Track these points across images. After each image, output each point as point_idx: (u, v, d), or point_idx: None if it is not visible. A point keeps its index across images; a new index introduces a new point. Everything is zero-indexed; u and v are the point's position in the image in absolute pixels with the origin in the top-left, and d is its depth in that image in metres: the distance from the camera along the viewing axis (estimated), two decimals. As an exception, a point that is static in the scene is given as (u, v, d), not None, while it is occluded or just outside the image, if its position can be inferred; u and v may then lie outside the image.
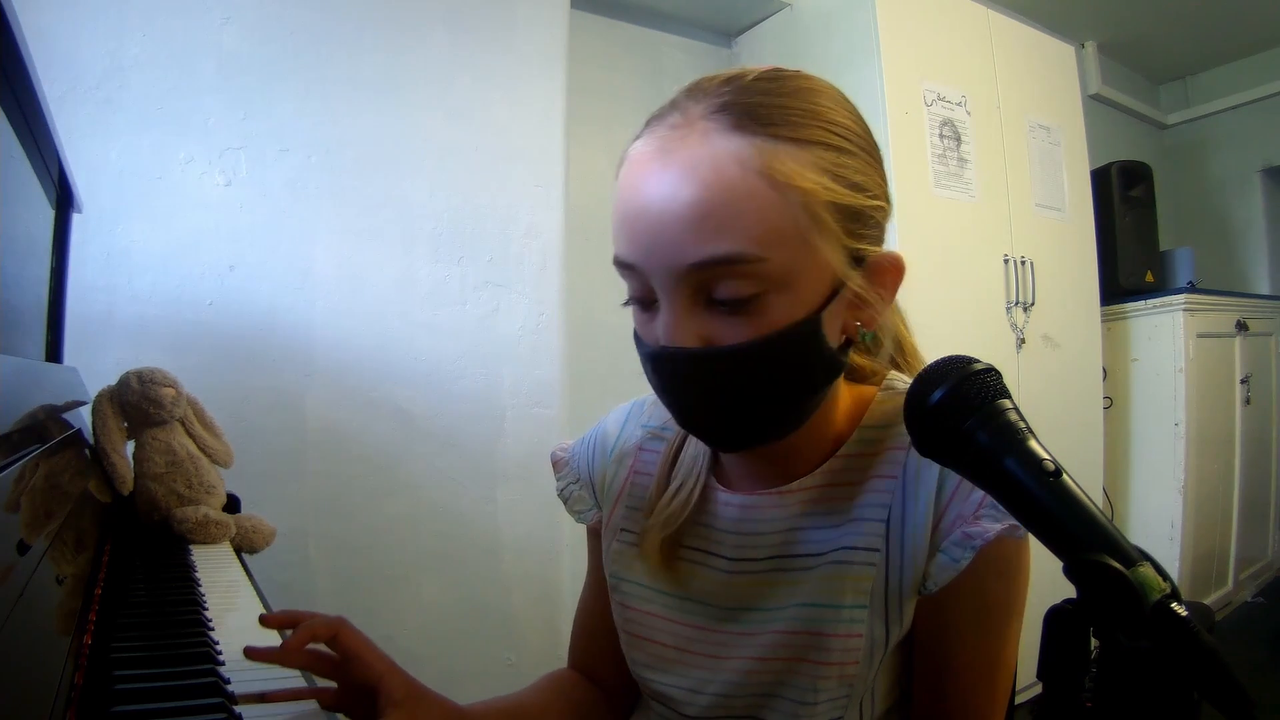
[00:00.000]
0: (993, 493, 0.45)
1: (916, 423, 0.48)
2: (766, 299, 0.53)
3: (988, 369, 0.47)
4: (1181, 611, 0.37)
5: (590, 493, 0.78)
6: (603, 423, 0.79)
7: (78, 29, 1.43)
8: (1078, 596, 0.40)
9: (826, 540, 0.62)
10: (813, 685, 0.60)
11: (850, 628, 0.60)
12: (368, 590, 1.67)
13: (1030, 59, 2.54)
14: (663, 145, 0.54)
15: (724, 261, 0.52)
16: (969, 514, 0.58)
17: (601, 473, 0.77)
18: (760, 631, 0.64)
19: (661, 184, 0.53)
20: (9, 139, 0.77)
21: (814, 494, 0.64)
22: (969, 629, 0.61)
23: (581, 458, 0.79)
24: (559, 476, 0.81)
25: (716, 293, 0.53)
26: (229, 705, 0.56)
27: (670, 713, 0.69)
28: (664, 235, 0.53)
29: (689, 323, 0.54)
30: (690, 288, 0.53)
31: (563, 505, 0.81)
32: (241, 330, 1.56)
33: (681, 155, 0.53)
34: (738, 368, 0.54)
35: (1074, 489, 0.43)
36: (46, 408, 0.82)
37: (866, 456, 0.63)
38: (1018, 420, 0.45)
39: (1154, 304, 2.82)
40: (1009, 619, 0.62)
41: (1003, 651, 0.62)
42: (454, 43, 1.82)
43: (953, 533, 0.58)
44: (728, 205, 0.51)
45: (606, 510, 0.76)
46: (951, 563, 0.58)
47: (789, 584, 0.63)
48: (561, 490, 0.81)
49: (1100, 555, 0.39)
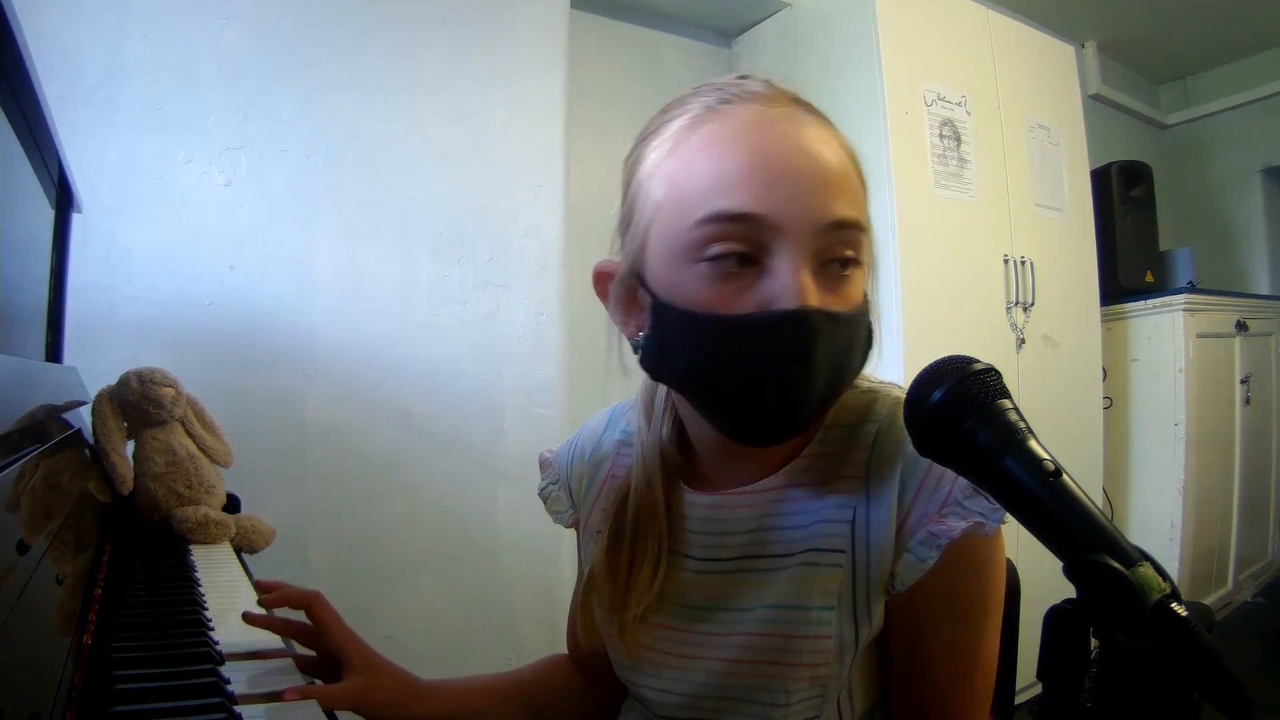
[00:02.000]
0: (993, 493, 0.45)
1: (916, 423, 0.48)
2: (856, 273, 0.57)
3: (988, 369, 0.47)
4: (1181, 611, 0.37)
5: (568, 494, 0.80)
6: (585, 427, 0.81)
7: (78, 29, 1.43)
8: (1078, 596, 0.40)
9: (793, 540, 0.62)
10: (783, 687, 0.60)
11: (819, 629, 0.60)
12: (368, 590, 1.67)
13: (1030, 59, 2.54)
14: (784, 114, 0.56)
15: (853, 225, 0.55)
16: (933, 512, 0.58)
17: (579, 475, 0.78)
18: (730, 632, 0.64)
19: (806, 144, 0.55)
20: (9, 139, 0.77)
21: (779, 494, 0.64)
22: (943, 627, 0.61)
23: (564, 460, 0.81)
24: (543, 477, 0.83)
25: (834, 255, 0.55)
26: (229, 705, 0.56)
27: (647, 712, 0.70)
28: (813, 190, 0.54)
29: (811, 284, 0.54)
30: (818, 248, 0.54)
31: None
32: (241, 330, 1.56)
33: (810, 125, 0.57)
34: (851, 335, 0.57)
35: (1074, 489, 0.43)
36: (46, 408, 0.82)
37: (831, 456, 0.63)
38: (1018, 420, 0.45)
39: (1154, 304, 2.82)
40: (984, 615, 0.61)
41: (980, 648, 0.61)
42: (454, 43, 1.82)
43: (918, 532, 0.58)
44: (853, 177, 0.57)
45: (584, 512, 0.77)
46: (918, 562, 0.58)
47: (757, 584, 0.63)
48: (543, 490, 0.83)
49: (1100, 555, 0.39)
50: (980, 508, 0.57)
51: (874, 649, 0.63)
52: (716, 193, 0.54)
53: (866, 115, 2.08)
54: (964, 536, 0.57)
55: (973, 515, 0.57)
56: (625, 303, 0.62)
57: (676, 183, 0.57)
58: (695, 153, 0.56)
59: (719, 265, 0.54)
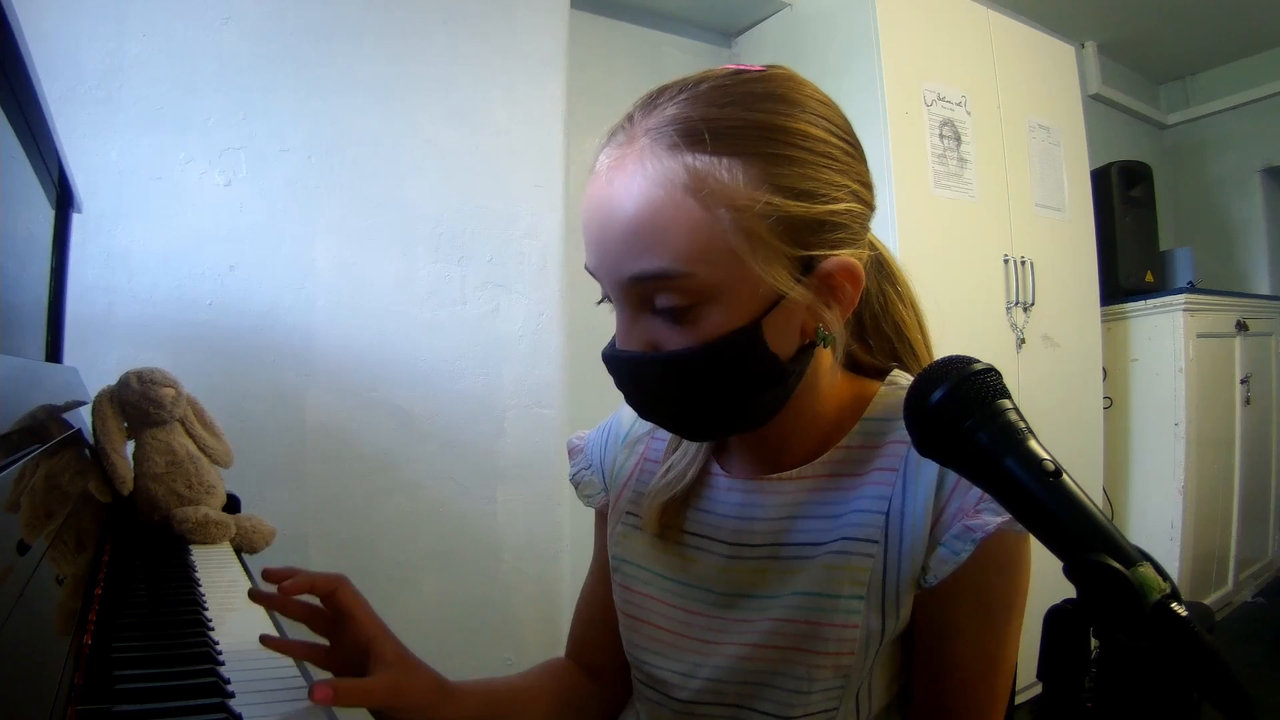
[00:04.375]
0: (993, 493, 0.45)
1: (916, 423, 0.48)
2: (700, 310, 0.56)
3: (988, 369, 0.47)
4: (1181, 611, 0.37)
5: (600, 477, 0.80)
6: (619, 411, 0.81)
7: (78, 29, 1.43)
8: (1078, 596, 0.40)
9: (825, 530, 0.63)
10: (807, 674, 0.61)
11: (846, 618, 0.61)
12: (367, 590, 1.64)
13: (1030, 59, 2.54)
14: (610, 163, 0.58)
15: (655, 277, 0.55)
16: (970, 507, 0.59)
17: (613, 458, 0.79)
18: (757, 619, 0.64)
19: (604, 203, 0.57)
20: (9, 139, 0.77)
21: (813, 483, 0.65)
22: (969, 624, 0.61)
23: (596, 444, 0.82)
24: (573, 463, 0.83)
25: (656, 303, 0.57)
26: (229, 705, 0.56)
27: (662, 697, 0.69)
28: (606, 250, 0.57)
29: (635, 329, 0.58)
30: (634, 297, 0.58)
31: (571, 497, 0.84)
32: (241, 330, 1.56)
33: (620, 175, 0.56)
34: (676, 372, 0.58)
35: (1074, 489, 0.43)
36: (46, 408, 0.82)
37: (868, 449, 0.64)
38: (1018, 420, 0.45)
39: (1154, 304, 2.82)
40: (1010, 615, 0.61)
41: (1003, 648, 0.62)
42: (454, 43, 1.82)
43: (953, 526, 0.59)
44: (656, 225, 0.55)
45: (614, 494, 0.78)
46: (952, 555, 0.59)
47: (786, 572, 0.64)
48: (574, 475, 0.83)
49: (1100, 555, 0.39)
50: None
51: (898, 646, 0.63)
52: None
53: (866, 115, 2.08)
54: (997, 532, 0.57)
55: (1007, 511, 0.58)
56: None
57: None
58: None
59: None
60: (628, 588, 0.73)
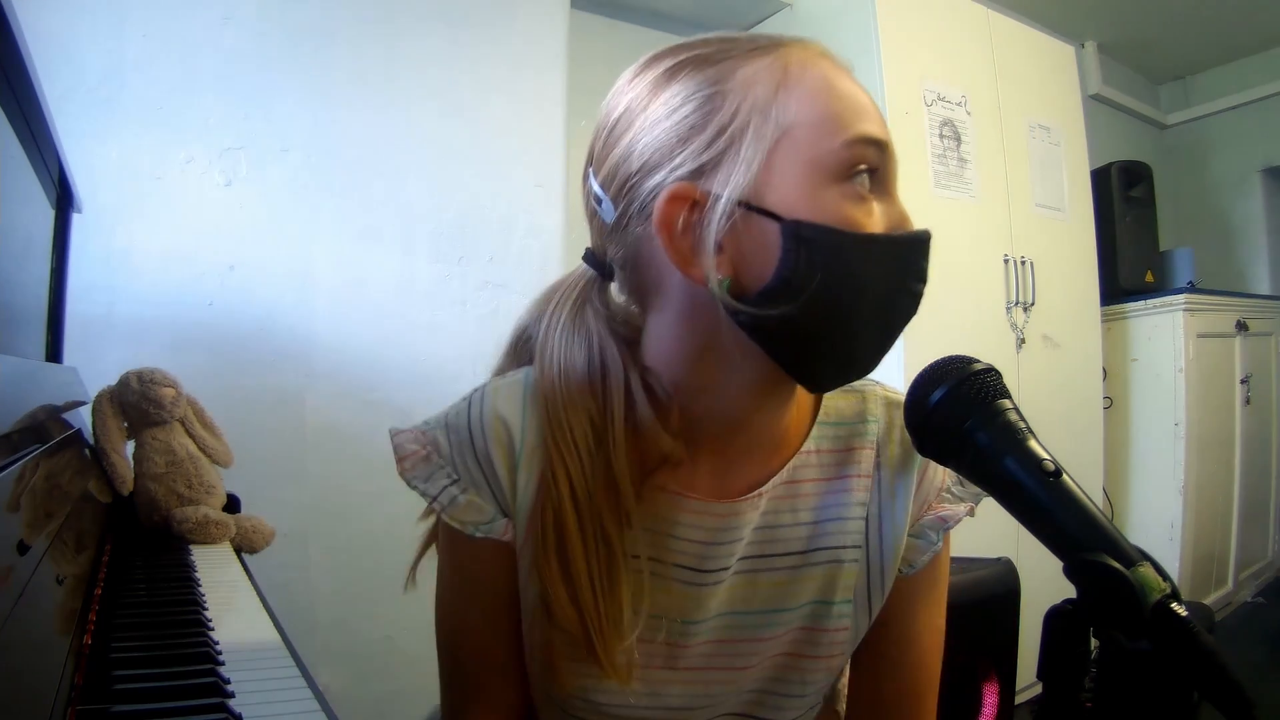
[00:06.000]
0: (993, 493, 0.45)
1: (917, 423, 0.48)
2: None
3: (987, 369, 0.47)
4: (1181, 611, 0.37)
5: (491, 498, 0.61)
6: (474, 409, 0.63)
7: (78, 29, 1.43)
8: (1078, 596, 0.40)
9: (803, 539, 0.63)
10: (801, 679, 0.63)
11: (839, 622, 0.63)
12: (368, 591, 1.67)
13: (1030, 59, 2.54)
14: (820, 49, 0.58)
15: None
16: (932, 499, 0.64)
17: (508, 474, 0.60)
18: (753, 637, 0.63)
19: (851, 77, 0.57)
20: (9, 139, 0.77)
21: (786, 489, 0.62)
22: (924, 602, 0.66)
23: (461, 452, 0.61)
24: (420, 474, 0.61)
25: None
26: (228, 705, 0.56)
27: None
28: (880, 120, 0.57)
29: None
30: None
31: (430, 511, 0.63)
32: (241, 330, 1.56)
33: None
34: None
35: (1074, 489, 0.43)
36: (46, 408, 0.82)
37: (836, 453, 0.64)
38: (1018, 420, 0.45)
39: (1154, 304, 2.82)
40: (944, 593, 0.68)
41: (942, 624, 0.68)
42: (454, 43, 1.82)
43: (925, 516, 0.64)
44: None
45: (522, 523, 0.60)
46: (929, 545, 0.64)
47: (778, 584, 0.63)
48: (439, 494, 0.60)
49: (1100, 555, 0.39)
50: (968, 492, 0.64)
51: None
52: (859, 118, 0.54)
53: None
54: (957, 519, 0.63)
55: (967, 499, 0.64)
56: (720, 239, 0.52)
57: (818, 104, 0.54)
58: (821, 82, 0.55)
59: (854, 187, 0.53)
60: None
